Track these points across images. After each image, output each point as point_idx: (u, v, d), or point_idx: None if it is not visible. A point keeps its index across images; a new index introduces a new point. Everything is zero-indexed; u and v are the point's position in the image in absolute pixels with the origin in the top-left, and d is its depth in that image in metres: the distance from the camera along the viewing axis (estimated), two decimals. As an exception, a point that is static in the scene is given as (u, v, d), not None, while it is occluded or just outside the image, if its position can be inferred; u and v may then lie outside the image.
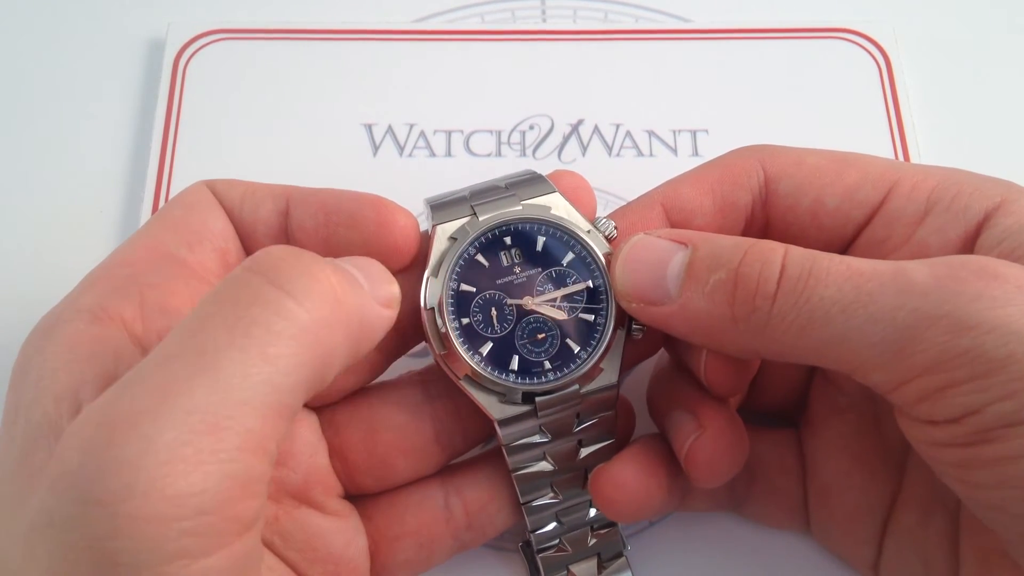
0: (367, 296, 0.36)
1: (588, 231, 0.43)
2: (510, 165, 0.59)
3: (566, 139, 0.60)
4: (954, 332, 0.33)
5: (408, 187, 0.45)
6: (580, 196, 0.44)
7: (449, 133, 0.61)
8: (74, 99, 0.62)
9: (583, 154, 0.60)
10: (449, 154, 0.60)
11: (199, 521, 0.29)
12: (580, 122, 0.61)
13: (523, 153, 0.60)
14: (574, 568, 0.46)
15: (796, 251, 0.37)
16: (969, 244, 0.40)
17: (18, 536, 0.31)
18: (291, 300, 0.32)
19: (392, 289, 0.38)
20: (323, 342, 0.33)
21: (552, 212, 0.43)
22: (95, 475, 0.29)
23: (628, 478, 0.42)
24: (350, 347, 0.35)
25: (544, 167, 0.45)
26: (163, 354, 0.31)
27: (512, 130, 0.61)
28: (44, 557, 0.29)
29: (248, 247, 0.43)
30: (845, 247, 0.43)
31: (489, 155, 0.60)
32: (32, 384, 0.35)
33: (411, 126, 0.61)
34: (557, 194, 0.43)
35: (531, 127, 0.61)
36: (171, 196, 0.55)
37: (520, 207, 0.43)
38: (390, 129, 0.61)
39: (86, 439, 0.29)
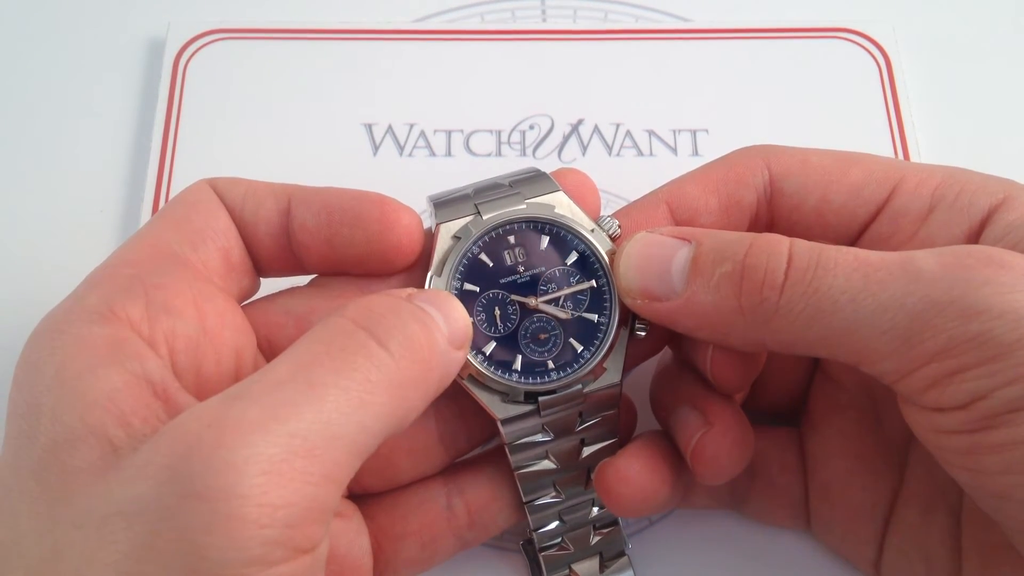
0: (446, 345, 0.37)
1: (592, 230, 0.43)
2: (510, 165, 0.59)
3: (566, 139, 0.60)
4: (963, 318, 0.33)
5: (408, 187, 0.45)
6: (584, 195, 0.44)
7: (449, 133, 0.61)
8: (74, 99, 0.62)
9: (583, 154, 0.60)
10: (449, 154, 0.60)
11: (282, 532, 0.30)
12: (580, 122, 0.61)
13: (523, 153, 0.60)
14: (576, 567, 0.47)
15: (802, 243, 0.37)
16: (973, 239, 0.41)
17: (71, 527, 0.31)
18: (389, 357, 0.35)
19: (466, 328, 0.39)
20: (408, 396, 0.36)
21: (556, 211, 0.43)
22: (201, 471, 0.30)
23: (633, 473, 0.42)
24: (427, 399, 0.37)
25: (544, 167, 0.45)
26: (272, 378, 0.33)
27: (512, 130, 0.61)
28: (125, 543, 0.30)
29: (250, 246, 0.43)
30: (850, 244, 0.43)
31: (489, 155, 0.60)
32: (52, 386, 0.35)
33: (411, 126, 0.61)
34: (561, 192, 0.43)
35: (531, 127, 0.61)
36: (171, 195, 0.55)
37: (524, 206, 0.43)
38: (390, 129, 0.61)
39: (195, 438, 0.31)
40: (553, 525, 0.45)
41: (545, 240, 0.43)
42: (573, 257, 0.43)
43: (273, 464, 0.30)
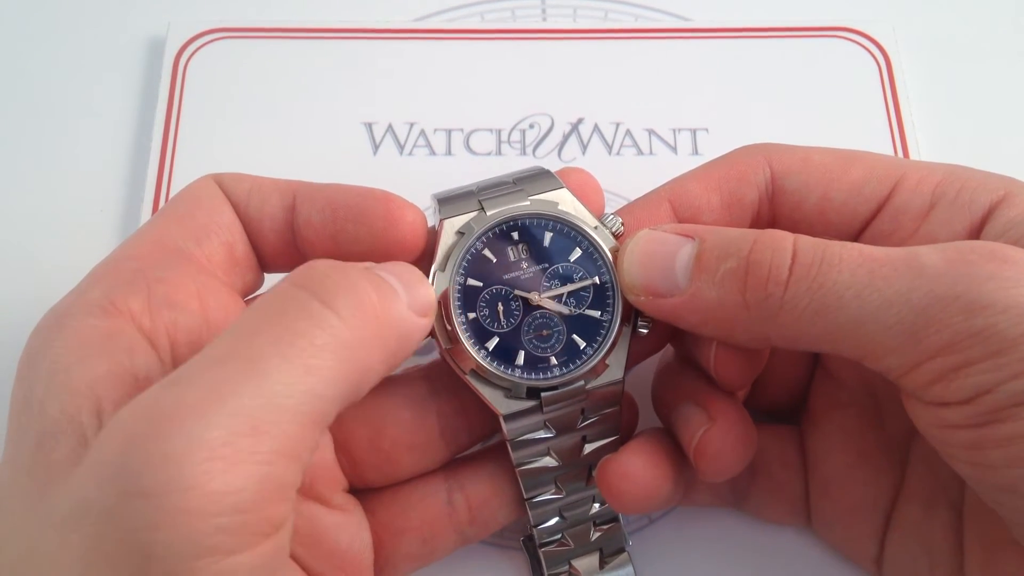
0: (405, 308, 0.37)
1: (595, 227, 0.43)
2: (510, 164, 0.59)
3: (566, 138, 0.60)
4: (968, 312, 0.34)
5: (408, 186, 0.45)
6: (588, 193, 0.44)
7: (449, 132, 0.61)
8: (74, 98, 0.62)
9: (583, 153, 0.60)
10: (449, 153, 0.60)
11: (234, 519, 0.30)
12: (580, 121, 0.61)
13: (523, 152, 0.60)
14: (576, 563, 0.47)
15: (806, 239, 0.37)
16: (974, 236, 0.41)
17: (46, 526, 0.31)
18: (335, 316, 0.33)
19: (428, 295, 0.39)
20: (362, 358, 0.34)
21: (560, 208, 0.43)
22: (139, 467, 0.29)
23: (636, 469, 0.42)
24: (386, 361, 0.36)
25: (544, 166, 0.45)
26: (210, 357, 0.32)
27: (512, 129, 0.61)
28: (78, 546, 0.30)
29: (254, 241, 0.43)
30: (852, 241, 0.43)
31: (489, 154, 0.60)
32: (44, 378, 0.35)
33: (411, 125, 0.61)
34: (565, 190, 0.44)
35: (531, 126, 0.61)
36: (172, 195, 0.55)
37: (528, 202, 0.43)
38: (390, 128, 0.61)
39: (131, 431, 0.30)
40: (553, 521, 0.45)
41: (548, 236, 0.43)
42: (576, 253, 0.43)
43: (215, 449, 0.29)
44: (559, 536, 0.46)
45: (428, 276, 0.42)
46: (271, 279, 0.44)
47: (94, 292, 0.37)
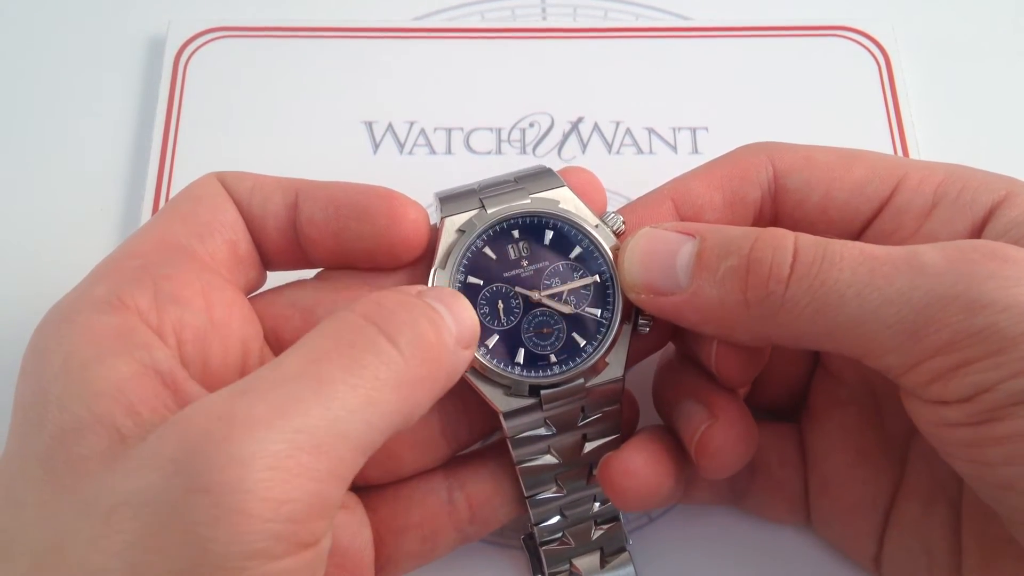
0: (455, 343, 0.37)
1: (596, 225, 0.43)
2: (510, 163, 0.59)
3: (566, 136, 0.60)
4: (968, 311, 0.34)
5: (408, 185, 0.45)
6: (589, 192, 0.44)
7: (449, 131, 0.61)
8: (75, 97, 0.62)
9: (583, 151, 0.60)
10: (449, 152, 0.60)
11: (285, 527, 0.31)
12: (580, 120, 0.61)
13: (523, 151, 0.60)
14: (577, 562, 0.47)
15: (807, 237, 0.37)
16: (975, 236, 0.41)
17: (79, 516, 0.31)
18: (398, 355, 0.35)
19: (473, 327, 0.39)
20: (415, 395, 0.35)
21: (560, 206, 0.43)
22: (207, 465, 0.30)
23: (637, 466, 0.42)
24: (435, 397, 0.37)
25: (546, 164, 0.45)
26: (284, 373, 0.33)
27: (512, 128, 0.61)
28: (131, 533, 0.30)
29: (257, 239, 0.43)
30: (854, 240, 0.43)
31: (489, 153, 0.60)
32: (59, 375, 0.35)
33: (411, 124, 0.61)
34: (566, 188, 0.44)
35: (531, 125, 0.61)
36: (172, 194, 0.55)
37: (529, 200, 0.43)
38: (390, 127, 0.61)
39: (201, 432, 0.31)
40: (554, 520, 0.45)
41: (549, 235, 0.43)
42: (577, 252, 0.43)
43: (278, 460, 0.30)
44: (560, 535, 0.46)
45: (430, 274, 0.42)
46: (273, 276, 0.45)
47: (100, 288, 0.37)
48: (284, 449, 0.31)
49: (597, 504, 0.46)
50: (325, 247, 0.43)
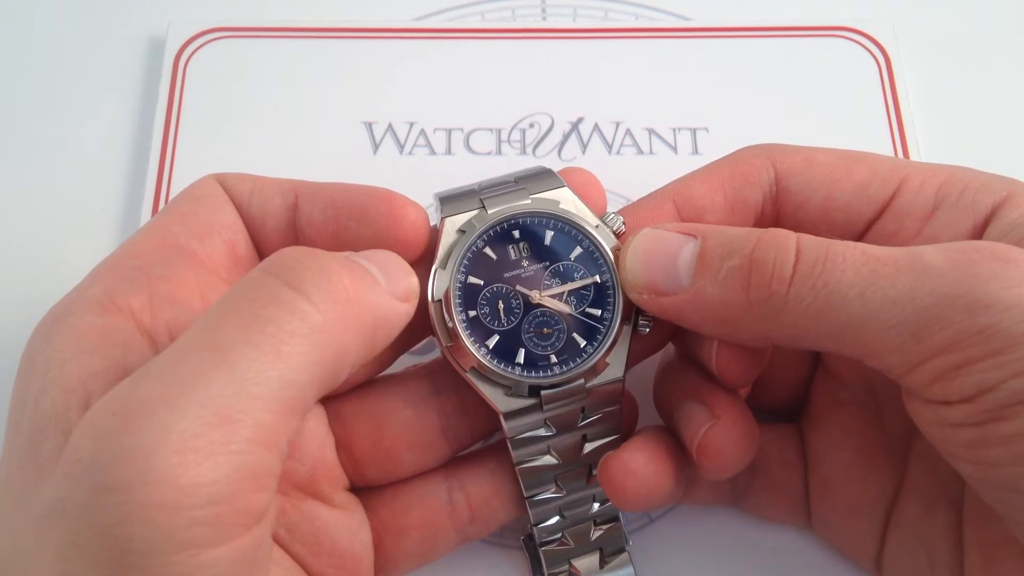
0: (383, 292, 0.36)
1: (596, 226, 0.43)
2: (510, 163, 0.59)
3: (566, 137, 0.60)
4: (971, 311, 0.34)
5: (408, 185, 0.45)
6: (590, 192, 0.44)
7: (449, 131, 0.61)
8: (75, 98, 0.62)
9: (583, 152, 0.60)
10: (449, 152, 0.60)
11: (209, 511, 0.29)
12: (580, 120, 0.61)
13: (523, 151, 0.60)
14: (576, 562, 0.47)
15: (809, 238, 0.37)
16: (977, 237, 0.41)
17: (28, 524, 0.31)
18: (305, 300, 0.33)
19: (410, 282, 0.38)
20: (336, 341, 0.34)
21: (561, 206, 0.43)
22: (108, 463, 0.29)
23: (638, 465, 0.42)
24: (364, 345, 0.36)
25: (546, 165, 0.45)
26: (179, 348, 0.32)
27: (512, 128, 0.61)
28: (55, 543, 0.30)
29: (257, 241, 0.43)
30: (856, 241, 0.43)
31: (489, 153, 0.60)
32: (40, 374, 0.35)
33: (411, 124, 0.61)
34: (566, 189, 0.44)
35: (531, 125, 0.61)
36: (172, 194, 0.55)
37: (529, 201, 0.43)
38: (390, 127, 0.61)
39: (100, 427, 0.30)
40: (554, 520, 0.45)
41: (549, 235, 0.43)
42: (577, 252, 0.43)
43: (185, 441, 0.29)
44: (559, 535, 0.46)
45: (430, 274, 0.42)
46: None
47: (95, 289, 0.38)
48: (190, 428, 0.29)
49: (596, 504, 0.46)
50: (324, 248, 0.42)
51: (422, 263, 0.43)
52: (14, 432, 0.35)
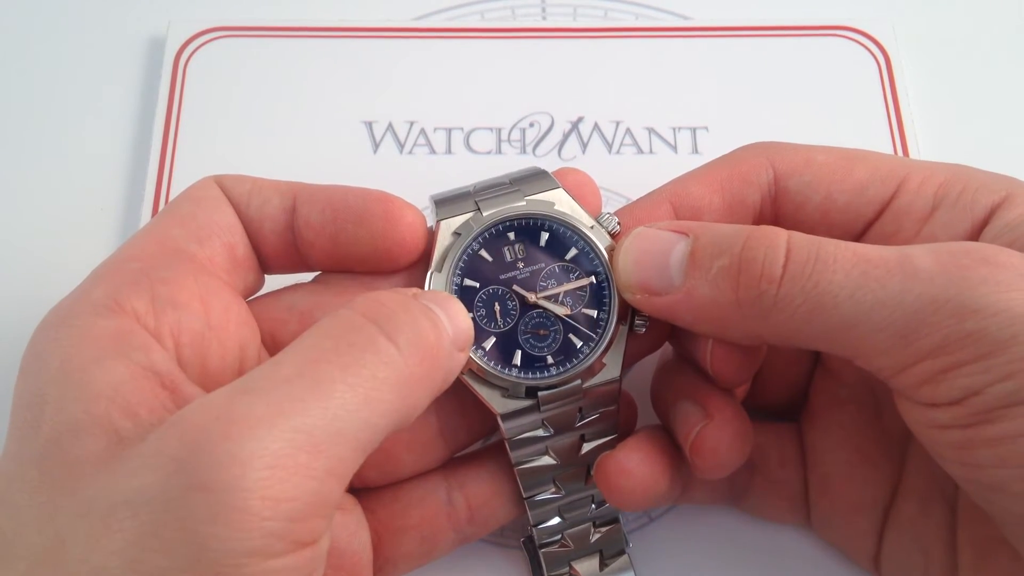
0: (451, 344, 0.38)
1: (592, 227, 0.43)
2: (510, 162, 0.59)
3: (566, 136, 0.60)
4: (959, 316, 0.34)
5: (408, 184, 0.45)
6: (585, 194, 0.44)
7: (449, 130, 0.61)
8: (75, 97, 0.62)
9: (583, 151, 0.60)
10: (449, 151, 0.60)
11: (284, 525, 0.31)
12: (580, 119, 0.61)
13: (523, 151, 0.60)
14: (576, 565, 0.47)
15: (800, 236, 0.37)
16: (974, 238, 0.41)
17: (78, 516, 0.32)
18: (397, 354, 0.35)
19: (468, 330, 0.39)
20: (414, 395, 0.36)
21: (556, 208, 0.43)
22: (207, 464, 0.30)
23: (633, 465, 0.42)
24: (431, 396, 0.37)
25: (544, 165, 0.45)
26: (279, 373, 0.33)
27: (512, 127, 0.61)
28: (129, 532, 0.30)
29: (255, 242, 0.43)
30: (854, 241, 0.43)
31: (489, 152, 0.60)
32: (57, 378, 0.35)
33: (411, 123, 0.61)
34: (561, 190, 0.43)
35: (531, 124, 0.61)
36: (172, 193, 0.55)
37: (524, 202, 0.43)
38: (390, 126, 0.61)
39: (201, 431, 0.31)
40: (553, 521, 0.45)
41: (545, 236, 0.43)
42: (572, 253, 0.43)
43: (277, 459, 0.31)
44: (559, 537, 0.46)
45: (426, 277, 0.42)
46: (271, 282, 0.45)
47: (98, 292, 0.38)
48: (283, 448, 0.31)
49: (595, 505, 0.46)
50: (322, 250, 0.43)
51: (419, 266, 0.43)
52: (26, 431, 0.35)
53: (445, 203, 0.43)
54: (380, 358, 0.34)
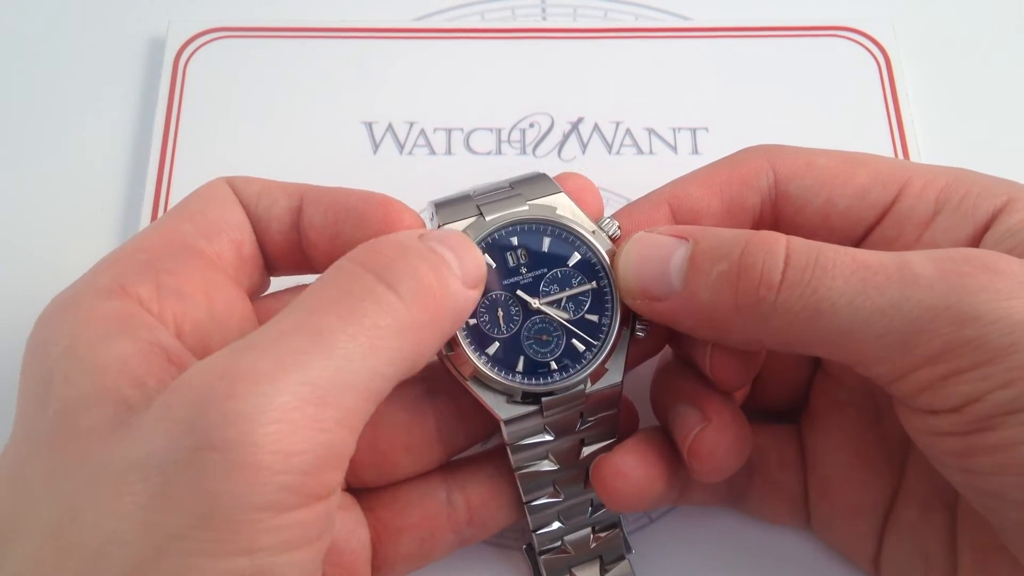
0: (458, 284, 0.38)
1: (593, 232, 0.43)
2: (510, 163, 0.59)
3: (566, 137, 0.60)
4: (958, 323, 0.34)
5: (408, 185, 0.45)
6: (585, 197, 0.44)
7: (449, 131, 0.61)
8: (75, 98, 0.62)
9: (583, 152, 0.60)
10: (449, 152, 0.60)
11: (296, 479, 0.31)
12: (580, 120, 0.61)
13: (523, 151, 0.60)
14: (576, 571, 0.47)
15: (799, 241, 0.37)
16: (976, 243, 0.41)
17: (89, 484, 0.32)
18: (398, 300, 0.35)
19: (480, 268, 0.40)
20: (421, 340, 0.36)
21: (557, 212, 0.43)
22: (215, 423, 0.31)
23: (629, 467, 0.43)
24: (441, 339, 0.38)
25: (544, 165, 0.45)
26: (281, 327, 0.34)
27: (512, 128, 0.61)
28: (141, 495, 0.31)
29: (261, 242, 0.43)
30: (855, 246, 0.43)
31: (489, 153, 0.60)
32: (63, 355, 0.35)
33: (411, 124, 0.61)
34: (562, 194, 0.43)
35: (531, 125, 0.61)
36: (172, 193, 0.56)
37: (526, 207, 0.43)
38: (390, 127, 0.61)
39: (206, 390, 0.32)
40: (553, 526, 0.46)
41: (547, 242, 0.43)
42: (575, 258, 0.43)
43: (284, 413, 0.31)
44: (559, 543, 0.46)
45: None
46: (276, 284, 0.45)
47: (104, 277, 0.38)
48: (289, 401, 0.31)
49: (592, 509, 0.46)
50: (325, 251, 0.43)
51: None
52: (35, 410, 0.35)
53: (446, 207, 0.43)
54: (380, 306, 0.35)
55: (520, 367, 0.42)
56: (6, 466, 0.35)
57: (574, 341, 0.42)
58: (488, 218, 0.42)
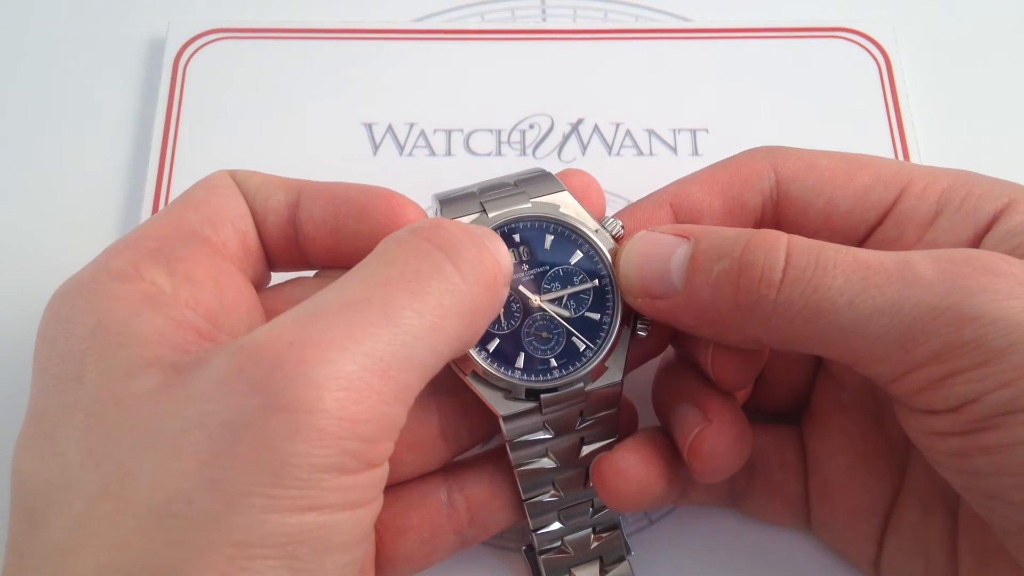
0: (505, 276, 0.39)
1: (596, 230, 0.43)
2: (510, 164, 0.59)
3: (566, 138, 0.60)
4: (958, 324, 0.34)
5: (408, 186, 0.45)
6: (589, 196, 0.44)
7: (449, 132, 0.61)
8: (75, 98, 0.62)
9: (583, 153, 0.60)
10: (449, 153, 0.60)
11: (357, 445, 0.32)
12: (580, 121, 0.61)
13: (523, 152, 0.60)
14: (576, 572, 0.47)
15: (800, 240, 0.37)
16: (976, 244, 0.41)
17: (143, 447, 0.32)
18: (463, 283, 0.36)
19: (510, 267, 0.40)
20: (474, 323, 0.37)
21: (561, 210, 0.43)
22: (285, 385, 0.32)
23: (629, 466, 0.43)
24: (484, 327, 0.39)
25: (544, 166, 0.45)
26: (345, 298, 0.34)
27: (512, 129, 0.61)
28: (205, 451, 0.31)
29: (260, 233, 0.43)
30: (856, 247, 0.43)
31: (489, 154, 0.60)
32: (94, 331, 0.35)
33: (411, 125, 0.61)
34: (566, 192, 0.43)
35: (531, 126, 0.61)
36: (172, 194, 0.56)
37: (529, 204, 0.43)
38: (390, 128, 0.61)
39: (277, 353, 0.32)
40: (553, 526, 0.45)
41: (549, 239, 0.43)
42: (577, 256, 0.43)
43: (351, 382, 0.32)
44: (559, 543, 0.46)
45: None
46: (276, 279, 0.45)
47: (117, 262, 0.38)
48: (356, 371, 0.32)
49: (592, 509, 0.46)
50: (323, 246, 0.43)
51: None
52: (66, 385, 0.35)
53: (450, 203, 0.43)
54: (445, 285, 0.35)
55: (520, 364, 0.42)
56: (33, 445, 0.35)
57: (574, 339, 0.42)
58: (491, 215, 0.42)
